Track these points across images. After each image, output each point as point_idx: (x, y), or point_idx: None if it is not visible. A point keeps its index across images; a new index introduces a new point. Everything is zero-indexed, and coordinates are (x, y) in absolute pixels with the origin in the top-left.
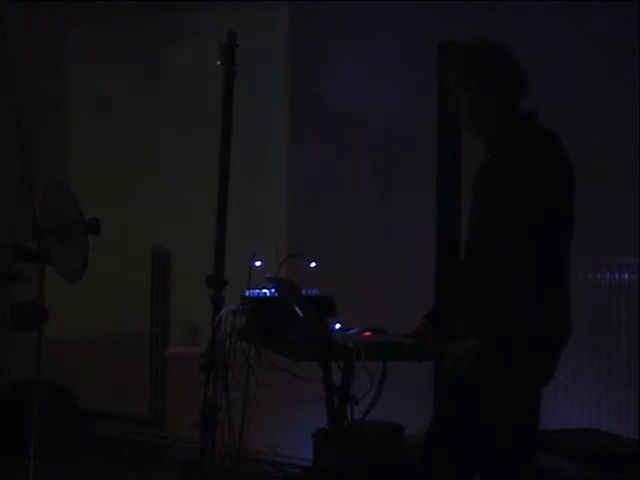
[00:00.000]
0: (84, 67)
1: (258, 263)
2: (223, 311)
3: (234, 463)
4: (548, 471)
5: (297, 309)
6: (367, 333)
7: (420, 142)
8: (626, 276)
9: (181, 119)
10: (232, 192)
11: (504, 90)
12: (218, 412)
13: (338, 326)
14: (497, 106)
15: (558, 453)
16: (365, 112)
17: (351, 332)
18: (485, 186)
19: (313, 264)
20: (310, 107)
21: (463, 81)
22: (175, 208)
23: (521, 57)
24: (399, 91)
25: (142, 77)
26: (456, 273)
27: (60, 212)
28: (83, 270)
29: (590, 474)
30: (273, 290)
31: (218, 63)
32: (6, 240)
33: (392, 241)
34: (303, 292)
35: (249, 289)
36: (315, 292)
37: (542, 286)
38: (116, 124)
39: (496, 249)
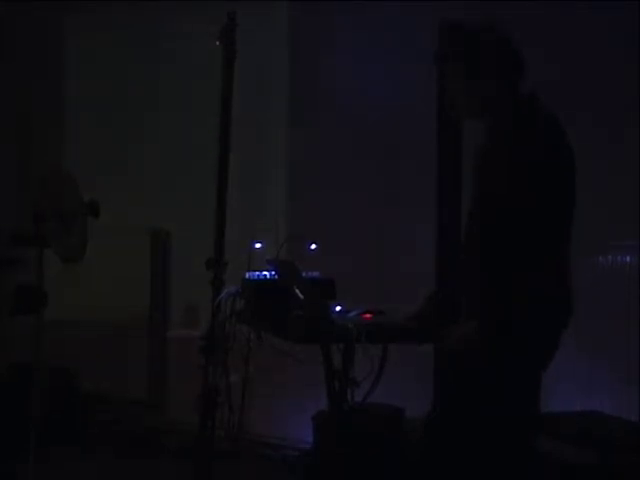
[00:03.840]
0: (83, 51)
1: (258, 245)
2: (223, 294)
3: (234, 446)
4: (548, 455)
5: (297, 291)
6: (368, 315)
7: (423, 127)
8: (628, 259)
9: (181, 102)
10: (232, 174)
11: (504, 74)
12: (218, 395)
13: (338, 308)
14: (497, 91)
15: (558, 437)
16: (366, 97)
17: (351, 314)
18: (485, 175)
19: (313, 246)
20: (311, 91)
21: (462, 66)
22: (175, 190)
23: (520, 39)
24: (402, 78)
25: (141, 61)
26: (457, 256)
27: (59, 195)
28: (83, 253)
29: (591, 457)
30: (273, 272)
31: (217, 44)
32: (5, 224)
33: (393, 224)
34: (303, 274)
35: (249, 271)
36: (315, 274)
37: (542, 270)
38: (115, 107)
39: (496, 233)
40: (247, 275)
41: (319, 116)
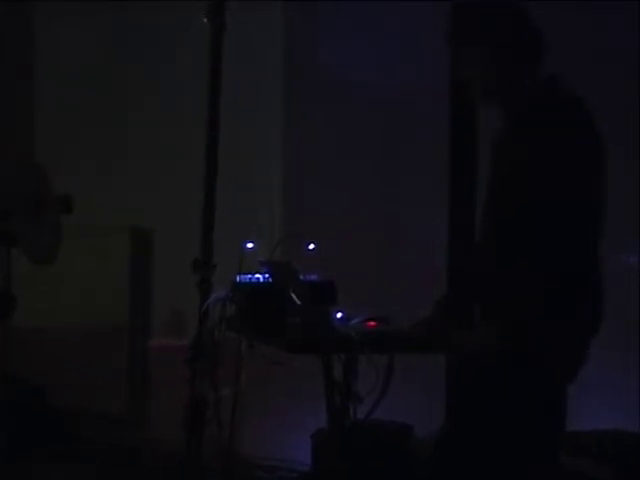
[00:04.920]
0: (57, 33)
1: (250, 245)
2: (211, 298)
3: (223, 467)
4: (573, 475)
5: (294, 296)
6: (372, 322)
7: (432, 112)
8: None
9: (164, 86)
10: (221, 166)
11: (521, 57)
12: (206, 410)
13: (340, 315)
14: (514, 72)
15: (583, 456)
16: (370, 79)
17: (354, 321)
18: (502, 165)
19: (312, 246)
20: (308, 74)
21: (477, 45)
22: (157, 183)
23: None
24: (409, 56)
25: (123, 45)
26: (471, 256)
27: (29, 189)
28: (55, 253)
29: (616, 478)
30: (267, 275)
31: (205, 20)
32: None
33: (399, 222)
34: (301, 277)
35: (240, 274)
36: (314, 277)
37: (571, 270)
38: (92, 94)
39: (516, 229)
40: (238, 278)
41: (316, 109)
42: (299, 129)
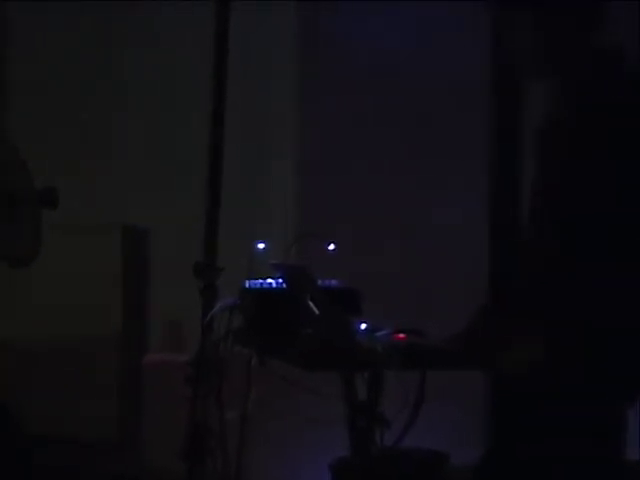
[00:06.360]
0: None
1: (261, 246)
2: (216, 307)
3: None
4: None
5: (311, 304)
6: (401, 335)
7: (465, 93)
8: None
9: (163, 67)
10: (227, 157)
11: (578, 24)
12: (208, 437)
13: (364, 326)
14: (569, 45)
15: None
16: (393, 58)
17: (380, 334)
18: (557, 151)
19: (332, 247)
20: (324, 55)
21: (523, 13)
22: (154, 176)
23: None
24: (438, 29)
25: (111, 21)
26: (516, 257)
27: (3, 179)
28: (34, 254)
29: None
30: (280, 280)
31: None
32: None
33: (431, 223)
34: (319, 283)
35: (249, 279)
36: (334, 283)
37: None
38: (78, 71)
39: (574, 229)
40: (247, 283)
41: (335, 83)
42: (315, 120)
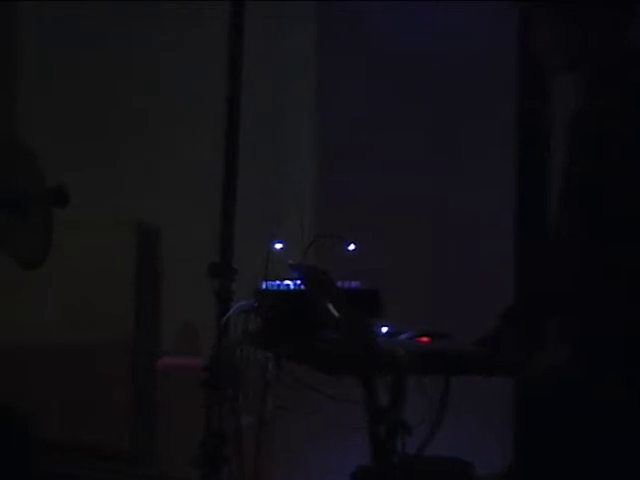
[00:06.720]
0: None
1: (278, 246)
2: (232, 309)
3: None
4: None
5: (331, 307)
6: (424, 338)
7: (491, 87)
8: None
9: (179, 57)
10: (243, 152)
11: (609, 15)
12: (224, 444)
13: (386, 329)
14: (601, 36)
15: None
16: (419, 47)
17: (403, 337)
18: (589, 145)
19: (352, 247)
20: (345, 50)
21: (554, 4)
22: (167, 171)
23: None
24: (465, 17)
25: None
26: (546, 256)
27: (13, 177)
28: (45, 254)
29: None
30: (298, 282)
31: None
32: None
33: (455, 217)
34: (339, 284)
35: (266, 280)
36: (355, 284)
37: None
38: (91, 61)
39: (609, 223)
40: (264, 285)
41: (357, 74)
42: (334, 118)
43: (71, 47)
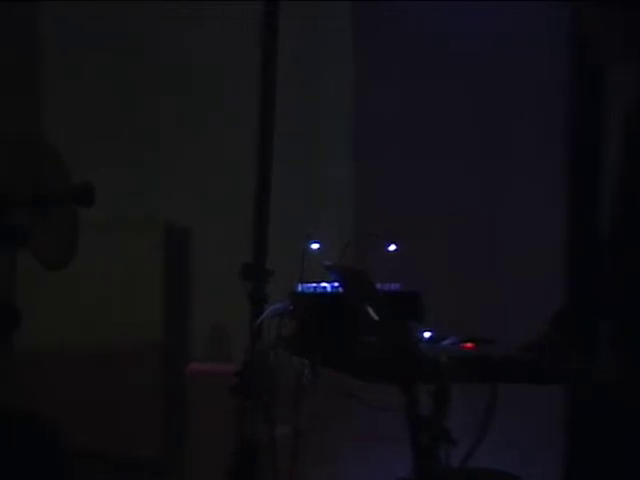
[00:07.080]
0: None
1: (315, 246)
2: (265, 313)
3: None
4: None
5: (370, 310)
6: (469, 344)
7: (540, 87)
8: None
9: (210, 56)
10: (278, 152)
11: None
12: (257, 454)
13: (428, 334)
14: None
15: None
16: (463, 35)
17: (446, 342)
18: None
19: (393, 247)
20: (386, 48)
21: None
22: (197, 170)
23: None
24: (514, 15)
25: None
26: (598, 257)
27: (37, 175)
28: (70, 255)
29: None
30: (336, 284)
31: None
32: None
33: (501, 216)
34: (378, 286)
35: (302, 282)
36: (395, 287)
37: None
38: (117, 55)
39: None
40: (299, 287)
41: (397, 63)
42: (372, 114)
43: (97, 47)
